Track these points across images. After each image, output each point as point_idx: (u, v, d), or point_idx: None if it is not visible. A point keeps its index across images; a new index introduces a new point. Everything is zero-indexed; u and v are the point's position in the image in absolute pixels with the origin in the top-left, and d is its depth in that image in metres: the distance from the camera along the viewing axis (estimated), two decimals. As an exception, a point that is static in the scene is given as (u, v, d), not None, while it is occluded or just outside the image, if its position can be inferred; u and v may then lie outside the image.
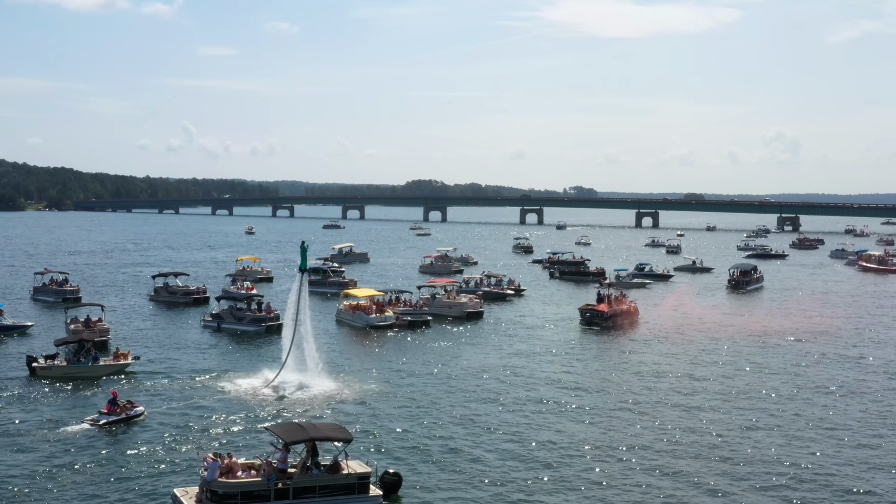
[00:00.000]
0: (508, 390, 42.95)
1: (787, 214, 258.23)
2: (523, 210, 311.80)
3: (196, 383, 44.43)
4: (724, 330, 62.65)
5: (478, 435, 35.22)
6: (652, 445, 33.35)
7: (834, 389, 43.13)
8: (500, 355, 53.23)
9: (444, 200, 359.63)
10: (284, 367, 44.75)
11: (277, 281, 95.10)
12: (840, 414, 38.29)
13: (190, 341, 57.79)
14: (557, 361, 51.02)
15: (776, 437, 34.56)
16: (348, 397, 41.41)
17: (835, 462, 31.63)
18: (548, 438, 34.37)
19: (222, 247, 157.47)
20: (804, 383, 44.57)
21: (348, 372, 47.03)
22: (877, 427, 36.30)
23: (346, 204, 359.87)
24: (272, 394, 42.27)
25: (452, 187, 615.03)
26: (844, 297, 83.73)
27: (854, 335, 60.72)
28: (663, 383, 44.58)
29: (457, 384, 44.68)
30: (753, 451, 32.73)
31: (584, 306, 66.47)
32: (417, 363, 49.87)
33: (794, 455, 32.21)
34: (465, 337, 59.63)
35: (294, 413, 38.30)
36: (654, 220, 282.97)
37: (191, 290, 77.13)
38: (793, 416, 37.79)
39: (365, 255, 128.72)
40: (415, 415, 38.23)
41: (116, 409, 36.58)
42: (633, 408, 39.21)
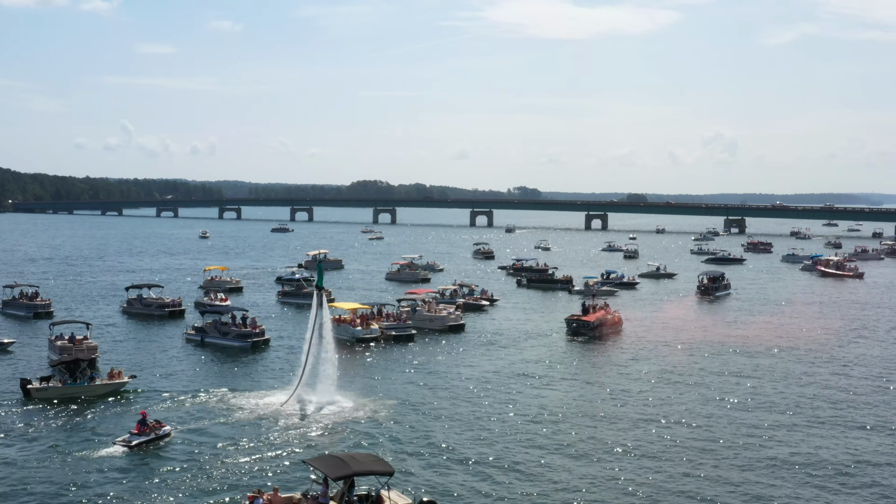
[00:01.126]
0: (521, 407, 43.31)
1: (733, 217, 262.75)
2: (473, 212, 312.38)
3: (204, 402, 44.17)
4: (708, 338, 64.05)
5: (507, 454, 35.64)
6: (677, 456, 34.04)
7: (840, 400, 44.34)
8: (496, 368, 53.67)
9: (395, 202, 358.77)
10: (299, 385, 44.64)
11: (247, 291, 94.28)
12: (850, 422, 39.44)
13: (177, 357, 57.23)
14: (559, 375, 51.68)
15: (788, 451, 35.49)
16: (364, 417, 41.34)
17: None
18: (587, 455, 34.85)
19: (180, 253, 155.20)
20: (809, 393, 45.71)
21: (356, 389, 46.82)
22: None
23: (294, 206, 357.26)
24: (292, 412, 42.13)
25: (397, 188, 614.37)
26: (813, 304, 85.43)
27: (840, 344, 62.23)
28: (668, 392, 45.32)
29: (467, 400, 44.99)
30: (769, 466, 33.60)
31: (571, 317, 67.28)
32: (418, 379, 49.97)
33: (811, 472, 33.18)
34: (454, 350, 59.84)
35: (319, 434, 38.37)
36: (602, 223, 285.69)
37: (166, 302, 76.14)
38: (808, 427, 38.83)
39: (339, 261, 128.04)
40: (436, 435, 38.33)
41: (146, 430, 36.73)
42: (656, 419, 39.84)
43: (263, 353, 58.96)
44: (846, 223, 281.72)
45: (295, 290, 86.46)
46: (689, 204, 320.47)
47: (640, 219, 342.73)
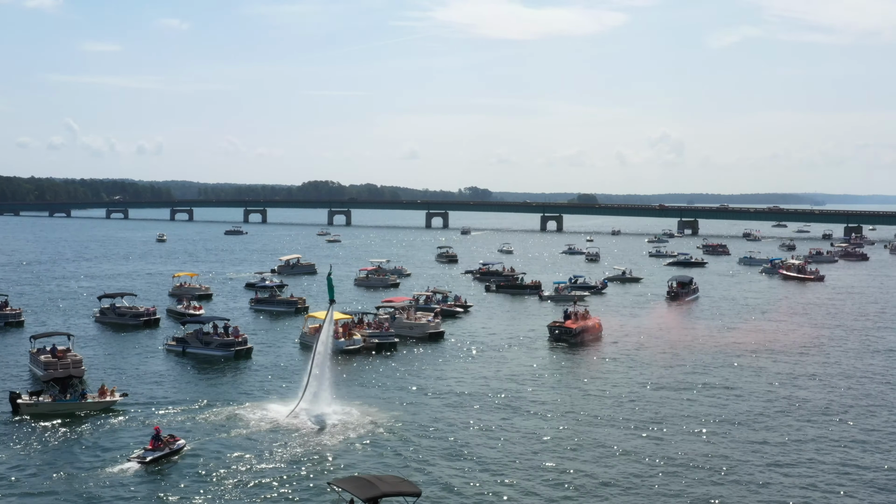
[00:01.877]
0: (528, 416, 43.72)
1: (686, 218, 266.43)
2: (429, 214, 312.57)
3: (204, 416, 43.90)
4: (691, 345, 65.10)
5: (523, 464, 36.09)
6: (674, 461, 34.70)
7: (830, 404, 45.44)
8: (489, 376, 54.05)
9: (349, 203, 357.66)
10: (302, 397, 44.66)
11: (217, 298, 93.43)
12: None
13: (161, 369, 56.54)
14: (552, 382, 52.28)
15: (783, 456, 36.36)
16: (373, 430, 41.23)
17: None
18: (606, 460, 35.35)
19: (139, 257, 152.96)
20: (794, 400, 46.73)
21: (357, 401, 46.75)
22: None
23: (247, 207, 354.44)
24: (300, 425, 42.09)
25: (349, 188, 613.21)
26: (784, 309, 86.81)
27: (822, 350, 63.44)
28: (655, 400, 45.98)
29: (470, 411, 45.15)
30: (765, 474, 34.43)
31: (553, 323, 67.96)
32: (414, 389, 49.94)
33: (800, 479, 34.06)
34: (441, 359, 59.96)
35: (333, 449, 38.38)
36: (558, 224, 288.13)
37: (140, 311, 75.19)
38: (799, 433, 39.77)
39: (312, 266, 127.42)
40: (452, 448, 38.49)
41: (160, 445, 36.64)
42: (654, 425, 40.49)
43: (247, 363, 58.58)
44: (795, 224, 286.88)
45: (269, 297, 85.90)
46: (644, 206, 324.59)
47: (592, 220, 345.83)
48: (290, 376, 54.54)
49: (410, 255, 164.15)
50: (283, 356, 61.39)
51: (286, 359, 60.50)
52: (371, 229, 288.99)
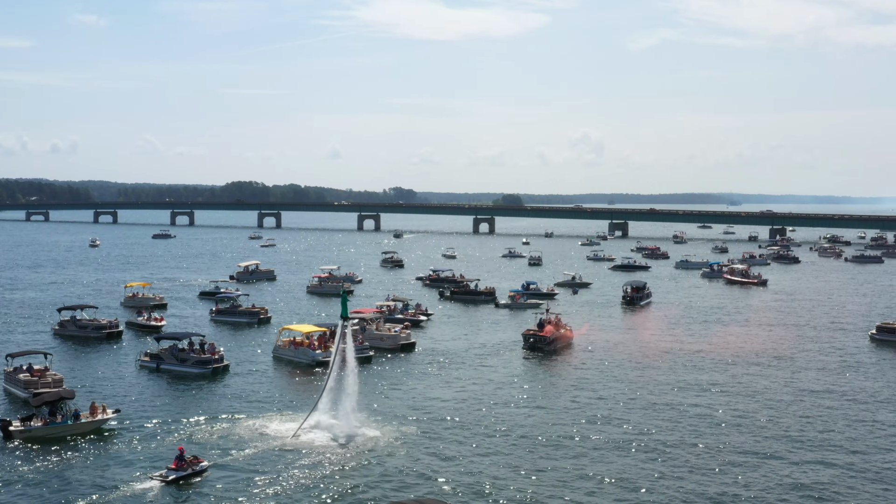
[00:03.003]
0: (532, 427, 44.16)
1: (616, 220, 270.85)
2: (361, 216, 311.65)
3: (205, 434, 43.77)
4: (661, 353, 66.74)
5: (554, 476, 36.96)
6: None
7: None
8: (478, 387, 55.02)
9: (280, 205, 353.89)
10: (311, 413, 44.97)
11: (171, 307, 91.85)
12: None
13: (140, 386, 55.51)
14: (550, 393, 53.18)
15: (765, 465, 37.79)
16: (389, 448, 41.60)
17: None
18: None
19: (77, 264, 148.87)
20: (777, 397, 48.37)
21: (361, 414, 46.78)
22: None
23: (174, 209, 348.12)
24: (315, 442, 42.34)
25: (272, 188, 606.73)
26: (738, 313, 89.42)
27: (789, 353, 65.42)
28: (643, 409, 47.17)
29: (470, 423, 45.78)
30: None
31: (527, 332, 69.02)
32: (408, 403, 50.01)
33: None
34: (421, 371, 60.15)
35: (354, 467, 38.63)
36: (490, 226, 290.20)
37: (102, 324, 73.73)
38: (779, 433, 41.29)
39: (272, 272, 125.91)
40: (471, 467, 38.87)
41: (184, 465, 36.62)
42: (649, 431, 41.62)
43: (227, 379, 57.94)
44: (720, 226, 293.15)
45: (230, 307, 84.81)
46: (575, 207, 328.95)
47: (523, 222, 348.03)
48: (278, 391, 54.50)
49: (354, 259, 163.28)
50: (261, 371, 60.90)
51: (265, 374, 60.11)
52: (302, 232, 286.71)
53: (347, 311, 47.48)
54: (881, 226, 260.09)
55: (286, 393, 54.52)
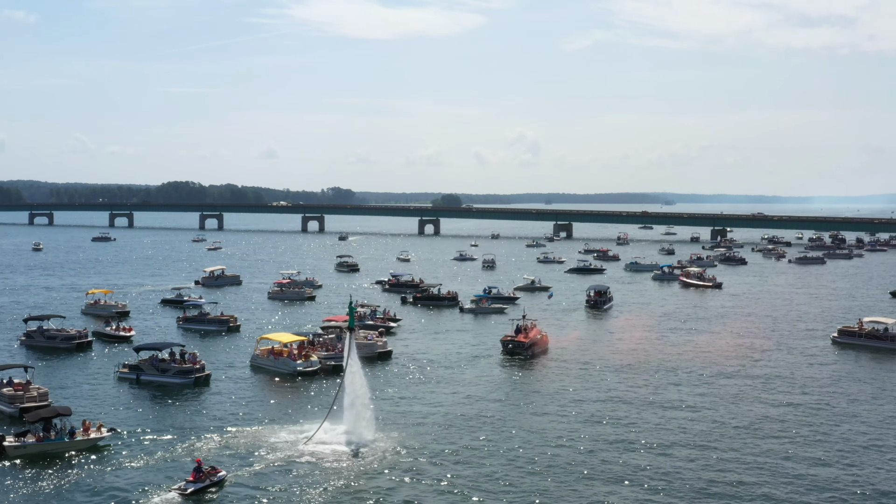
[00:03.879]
0: (534, 435, 44.81)
1: (562, 222, 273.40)
2: (305, 217, 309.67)
3: (210, 445, 43.84)
4: (636, 356, 68.57)
5: (565, 479, 38.18)
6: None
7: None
8: (467, 393, 56.08)
9: (222, 207, 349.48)
10: (322, 424, 45.58)
11: (135, 316, 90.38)
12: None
13: (127, 399, 54.96)
14: (530, 399, 53.58)
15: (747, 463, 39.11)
16: (403, 458, 42.10)
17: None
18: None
19: (23, 270, 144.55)
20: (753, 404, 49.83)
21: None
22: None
23: (113, 211, 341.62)
24: (329, 452, 42.89)
25: (209, 188, 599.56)
26: (699, 317, 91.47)
27: (762, 357, 67.36)
28: (627, 413, 48.25)
29: (470, 432, 46.59)
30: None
31: (505, 338, 69.86)
32: (405, 413, 50.27)
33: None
34: (406, 379, 60.53)
35: (371, 478, 39.15)
36: (435, 228, 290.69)
37: (72, 334, 72.45)
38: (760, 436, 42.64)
39: (237, 277, 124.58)
40: (482, 474, 39.69)
41: (202, 476, 36.80)
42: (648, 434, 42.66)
43: (211, 390, 57.56)
44: (660, 227, 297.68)
45: (199, 315, 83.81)
46: (520, 209, 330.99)
47: (466, 223, 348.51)
48: (268, 401, 54.39)
49: (307, 263, 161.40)
50: (243, 381, 60.64)
51: (249, 384, 59.90)
52: (246, 234, 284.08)
53: (354, 322, 47.63)
54: (817, 227, 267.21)
55: (277, 403, 54.41)
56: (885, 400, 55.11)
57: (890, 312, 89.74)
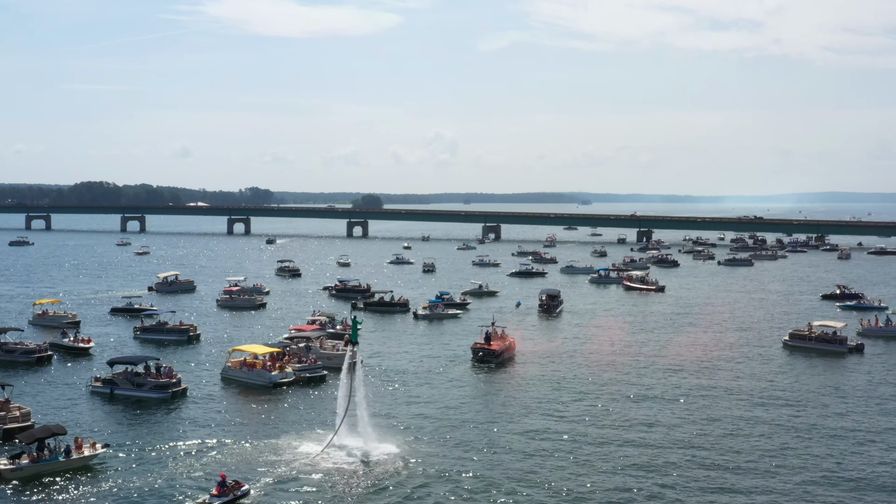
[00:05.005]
0: (534, 437, 46.03)
1: (490, 223, 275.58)
2: (230, 220, 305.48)
3: (212, 461, 43.90)
4: (599, 359, 71.23)
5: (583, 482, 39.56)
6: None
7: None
8: (458, 399, 57.88)
9: (145, 209, 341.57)
10: (335, 435, 46.22)
11: (85, 326, 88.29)
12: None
13: (107, 414, 54.07)
14: (509, 403, 55.28)
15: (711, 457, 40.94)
16: (411, 468, 43.00)
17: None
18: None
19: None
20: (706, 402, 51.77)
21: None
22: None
23: (30, 213, 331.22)
24: (340, 463, 43.67)
25: (123, 188, 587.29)
26: (645, 321, 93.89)
27: (712, 363, 69.51)
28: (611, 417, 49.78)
29: (468, 439, 47.97)
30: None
31: (475, 345, 71.04)
32: (400, 423, 50.58)
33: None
34: (385, 388, 61.00)
35: (392, 491, 39.85)
36: (363, 230, 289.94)
37: (31, 348, 70.65)
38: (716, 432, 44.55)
39: (191, 283, 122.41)
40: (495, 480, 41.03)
41: (226, 491, 37.05)
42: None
43: (190, 404, 57.06)
44: (585, 228, 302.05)
45: (157, 325, 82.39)
46: (450, 211, 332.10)
47: (391, 225, 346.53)
48: (257, 414, 54.27)
49: (247, 268, 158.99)
50: (220, 394, 60.30)
51: (227, 397, 59.63)
52: (171, 237, 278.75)
53: (357, 336, 47.86)
54: (737, 228, 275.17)
55: (264, 415, 54.27)
56: (839, 399, 58.37)
57: (822, 315, 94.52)
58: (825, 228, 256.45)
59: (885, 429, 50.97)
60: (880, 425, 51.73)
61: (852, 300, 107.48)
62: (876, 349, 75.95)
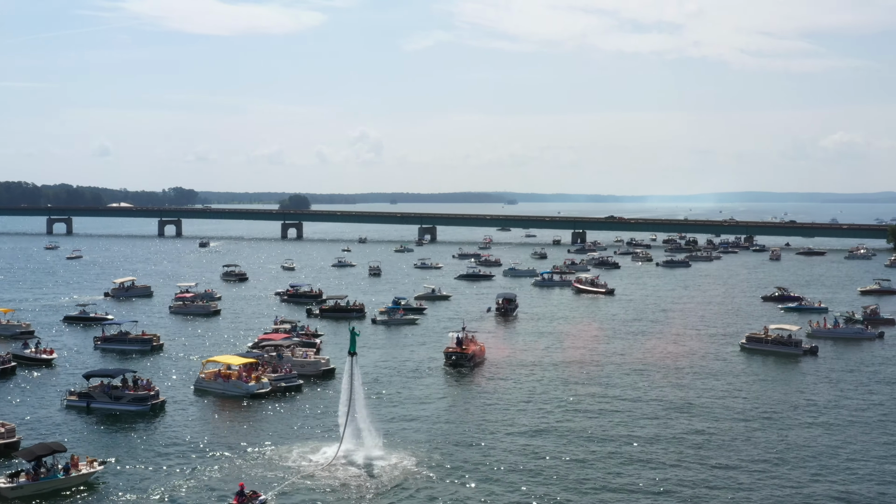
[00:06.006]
0: (535, 439, 46.86)
1: (426, 225, 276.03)
2: (161, 222, 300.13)
3: (213, 473, 44.07)
4: (569, 361, 73.77)
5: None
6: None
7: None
8: (446, 405, 59.32)
9: (71, 211, 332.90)
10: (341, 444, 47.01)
11: (40, 335, 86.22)
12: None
13: (89, 429, 53.38)
14: (499, 406, 55.67)
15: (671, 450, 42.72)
16: (418, 475, 43.97)
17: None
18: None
19: None
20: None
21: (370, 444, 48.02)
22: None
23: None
24: (348, 471, 44.47)
25: (43, 188, 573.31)
26: (602, 323, 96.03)
27: (674, 365, 71.34)
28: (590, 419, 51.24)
29: (464, 445, 49.06)
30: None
31: (447, 349, 72.26)
32: (394, 432, 51.23)
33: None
34: (367, 396, 60.97)
35: (396, 486, 41.68)
36: (298, 232, 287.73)
37: (-8, 359, 69.14)
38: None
39: (148, 288, 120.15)
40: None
41: (245, 501, 37.43)
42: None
43: (172, 415, 56.68)
44: (519, 230, 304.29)
45: (118, 335, 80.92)
46: (386, 213, 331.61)
47: (325, 226, 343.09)
48: (241, 425, 54.20)
49: (185, 273, 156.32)
50: (200, 406, 59.92)
51: (209, 408, 59.36)
52: (100, 240, 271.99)
53: (355, 347, 48.22)
54: (667, 229, 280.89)
55: (253, 426, 54.41)
56: (794, 396, 61.87)
57: (768, 316, 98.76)
58: (753, 229, 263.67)
59: (850, 427, 53.42)
60: (845, 426, 54.14)
61: (793, 302, 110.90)
62: (826, 351, 78.65)
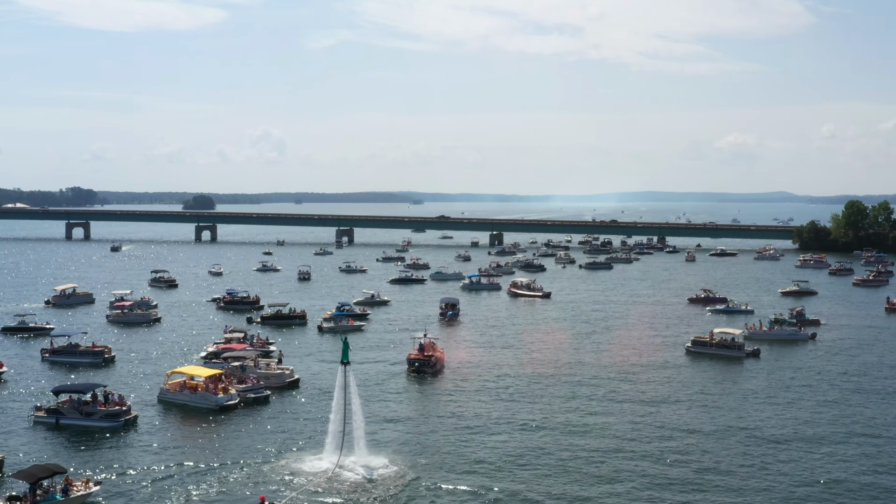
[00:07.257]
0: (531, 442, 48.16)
1: (343, 227, 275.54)
2: (69, 224, 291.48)
3: (208, 488, 44.35)
4: (527, 365, 76.00)
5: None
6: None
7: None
8: (428, 409, 61.18)
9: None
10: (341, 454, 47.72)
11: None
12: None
13: (66, 447, 52.45)
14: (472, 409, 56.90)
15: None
16: (419, 482, 45.20)
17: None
18: None
19: None
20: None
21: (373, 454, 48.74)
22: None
23: None
24: (353, 479, 45.46)
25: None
26: (547, 327, 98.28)
27: (625, 369, 73.55)
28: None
29: (460, 449, 50.96)
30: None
31: (410, 356, 73.63)
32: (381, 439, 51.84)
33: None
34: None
35: (399, 494, 42.80)
36: (212, 234, 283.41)
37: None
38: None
39: (90, 295, 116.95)
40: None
41: None
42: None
43: (147, 430, 56.14)
44: (434, 231, 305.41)
45: (68, 347, 78.95)
46: (304, 215, 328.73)
47: (239, 228, 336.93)
48: (227, 437, 54.27)
49: (119, 280, 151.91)
50: (171, 419, 59.38)
51: (177, 420, 59.06)
52: (2, 243, 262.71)
53: (348, 356, 48.74)
54: (582, 230, 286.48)
55: (239, 439, 54.38)
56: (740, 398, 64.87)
57: (694, 317, 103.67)
58: (665, 230, 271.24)
59: (796, 426, 56.43)
60: (790, 423, 57.30)
61: (720, 304, 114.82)
62: (765, 353, 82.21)
